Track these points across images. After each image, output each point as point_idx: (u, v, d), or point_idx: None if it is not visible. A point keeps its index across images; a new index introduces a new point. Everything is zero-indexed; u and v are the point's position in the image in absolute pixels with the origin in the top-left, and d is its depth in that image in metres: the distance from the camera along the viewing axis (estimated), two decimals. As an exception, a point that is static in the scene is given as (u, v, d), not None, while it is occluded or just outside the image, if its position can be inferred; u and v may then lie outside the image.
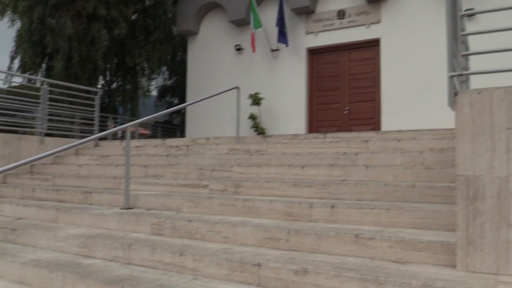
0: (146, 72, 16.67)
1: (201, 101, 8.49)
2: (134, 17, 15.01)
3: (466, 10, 8.74)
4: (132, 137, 13.08)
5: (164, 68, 18.92)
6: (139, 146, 8.10)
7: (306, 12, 10.90)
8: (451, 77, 2.78)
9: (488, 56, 8.01)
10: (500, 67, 2.82)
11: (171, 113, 17.54)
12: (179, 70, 18.83)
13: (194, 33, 12.71)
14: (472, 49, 7.29)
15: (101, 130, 10.65)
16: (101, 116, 11.97)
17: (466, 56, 3.23)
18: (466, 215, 2.75)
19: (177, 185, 5.57)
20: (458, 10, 2.94)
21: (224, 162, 6.33)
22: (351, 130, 10.17)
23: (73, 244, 4.02)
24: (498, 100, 2.67)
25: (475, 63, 7.80)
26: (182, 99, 16.70)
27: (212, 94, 7.95)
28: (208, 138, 7.95)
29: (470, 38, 6.93)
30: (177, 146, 7.52)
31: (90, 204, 5.51)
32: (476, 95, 2.72)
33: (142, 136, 17.62)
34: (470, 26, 8.79)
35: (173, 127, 18.16)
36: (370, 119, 10.22)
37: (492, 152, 2.69)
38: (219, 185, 5.20)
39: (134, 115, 16.09)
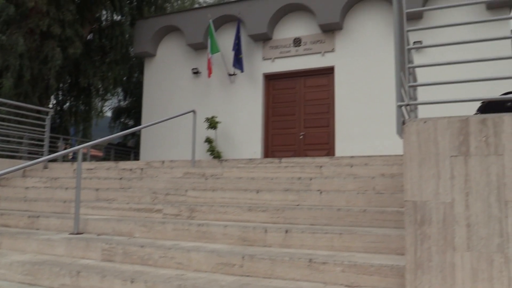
0: (101, 92, 16.37)
1: (157, 124, 8.41)
2: (90, 36, 14.80)
3: (415, 42, 9.22)
4: (84, 159, 12.71)
5: (120, 89, 18.65)
6: (91, 169, 7.88)
7: (263, 38, 11.14)
8: (399, 106, 2.92)
9: (438, 87, 8.45)
10: (449, 97, 2.99)
11: (125, 135, 17.23)
12: (135, 92, 18.61)
13: (151, 55, 12.66)
14: (421, 79, 7.65)
15: (51, 152, 10.29)
16: (51, 137, 11.58)
17: (413, 87, 3.40)
18: (414, 239, 2.85)
19: (129, 209, 5.45)
20: (406, 44, 3.11)
21: (179, 186, 6.26)
22: (306, 155, 10.35)
23: (17, 271, 3.82)
24: (442, 129, 2.82)
25: (426, 93, 8.19)
26: (138, 121, 16.46)
27: (168, 117, 7.91)
28: (163, 161, 7.86)
29: (418, 69, 7.30)
30: (130, 169, 7.38)
31: (37, 229, 5.28)
32: (422, 124, 2.86)
33: (94, 158, 17.16)
34: (418, 57, 9.27)
35: (127, 149, 17.80)
36: (325, 145, 10.45)
37: (437, 178, 2.82)
38: (173, 209, 5.13)
39: (86, 137, 15.67)
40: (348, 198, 4.85)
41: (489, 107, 4.47)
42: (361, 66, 10.14)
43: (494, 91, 8.07)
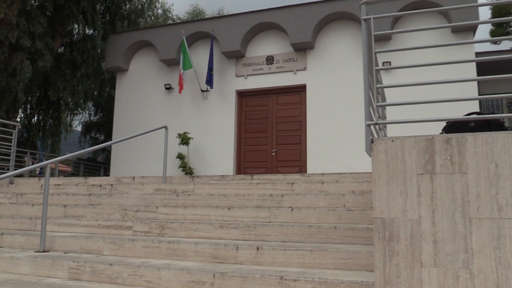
0: (71, 106, 16.07)
1: (128, 139, 8.31)
2: (60, 50, 14.59)
3: (384, 63, 9.48)
4: (52, 175, 12.41)
5: (90, 104, 18.38)
6: (59, 185, 7.70)
7: (236, 56, 11.23)
8: (368, 125, 3.00)
9: (407, 106, 8.67)
10: (417, 117, 3.08)
11: (95, 150, 16.93)
12: (106, 106, 18.38)
13: (124, 70, 12.57)
14: (390, 99, 7.81)
15: (17, 167, 10.01)
16: (18, 152, 11.28)
17: (381, 106, 3.50)
18: (383, 255, 2.90)
19: (98, 226, 5.33)
20: (374, 64, 3.21)
21: (150, 203, 6.19)
22: (278, 172, 10.40)
23: (-22, 291, 3.68)
24: (409, 148, 2.91)
25: (396, 112, 8.38)
26: (108, 136, 16.24)
27: (140, 133, 7.84)
28: (133, 177, 7.75)
29: (387, 89, 7.48)
30: (100, 185, 7.25)
31: (1, 247, 5.10)
32: (390, 142, 2.94)
33: (63, 174, 16.78)
34: (387, 78, 9.51)
35: (97, 164, 17.48)
36: (297, 161, 10.53)
37: (405, 196, 2.89)
38: (144, 226, 5.05)
39: (54, 151, 15.32)
40: (319, 215, 4.89)
41: (453, 127, 4.62)
42: (332, 85, 10.33)
43: (459, 112, 8.35)
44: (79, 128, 19.47)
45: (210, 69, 10.85)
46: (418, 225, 2.85)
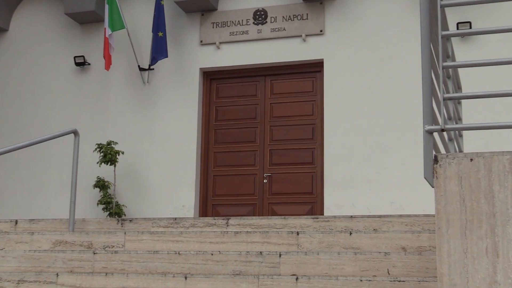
0: None
1: (8, 153, 8.27)
2: None
3: (459, 24, 9.53)
4: None
5: None
6: None
7: (203, 9, 11.24)
8: (428, 132, 3.00)
9: (498, 102, 8.73)
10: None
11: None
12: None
13: (1, 30, 12.51)
14: (467, 88, 7.89)
15: None
16: None
17: (453, 99, 3.52)
18: None
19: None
20: (441, 28, 3.21)
21: (44, 267, 6.14)
22: (273, 213, 10.38)
23: None
24: (501, 173, 2.91)
25: (477, 110, 8.46)
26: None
27: (29, 141, 7.79)
28: (15, 222, 7.71)
29: (463, 70, 7.51)
30: (-44, 235, 7.20)
31: None
32: (468, 162, 2.95)
33: None
34: (463, 50, 9.56)
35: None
36: (307, 196, 10.52)
37: (494, 256, 2.90)
38: (33, 308, 5.02)
39: None
40: (344, 290, 4.90)
41: None
42: (369, 62, 10.36)
43: None
44: None
45: (158, 31, 10.80)
46: (518, 309, 2.86)
